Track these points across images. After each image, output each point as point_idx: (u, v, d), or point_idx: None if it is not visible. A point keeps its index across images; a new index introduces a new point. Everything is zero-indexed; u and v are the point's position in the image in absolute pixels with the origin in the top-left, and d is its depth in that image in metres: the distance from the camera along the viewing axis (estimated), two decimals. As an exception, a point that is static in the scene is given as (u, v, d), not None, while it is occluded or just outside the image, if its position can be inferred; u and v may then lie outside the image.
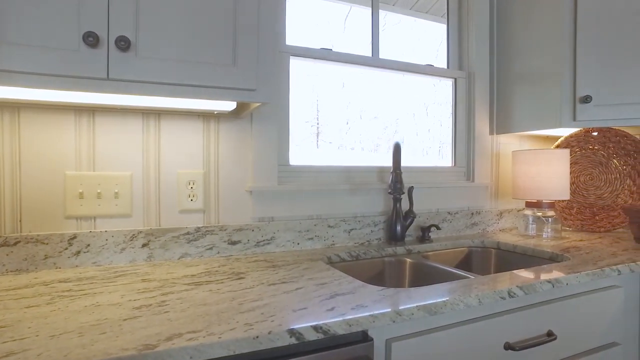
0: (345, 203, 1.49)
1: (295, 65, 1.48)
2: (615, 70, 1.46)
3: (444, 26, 1.86)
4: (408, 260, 1.39)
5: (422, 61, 1.75)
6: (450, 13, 1.84)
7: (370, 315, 0.77)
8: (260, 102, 1.03)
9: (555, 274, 1.07)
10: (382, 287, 0.94)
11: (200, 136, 1.28)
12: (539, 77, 1.61)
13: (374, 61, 1.61)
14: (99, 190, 1.15)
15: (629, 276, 1.25)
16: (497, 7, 1.82)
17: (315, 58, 1.50)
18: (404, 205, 1.59)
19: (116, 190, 1.17)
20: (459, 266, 1.57)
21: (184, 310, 0.78)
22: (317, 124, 1.70)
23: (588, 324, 1.13)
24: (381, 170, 1.60)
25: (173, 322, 0.73)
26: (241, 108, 1.24)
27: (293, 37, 1.49)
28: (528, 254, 1.45)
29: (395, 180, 1.27)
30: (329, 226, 1.45)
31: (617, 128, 1.76)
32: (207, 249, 1.27)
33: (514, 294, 0.96)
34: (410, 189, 1.53)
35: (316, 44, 1.52)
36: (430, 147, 1.90)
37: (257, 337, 0.68)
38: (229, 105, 1.14)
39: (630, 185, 1.75)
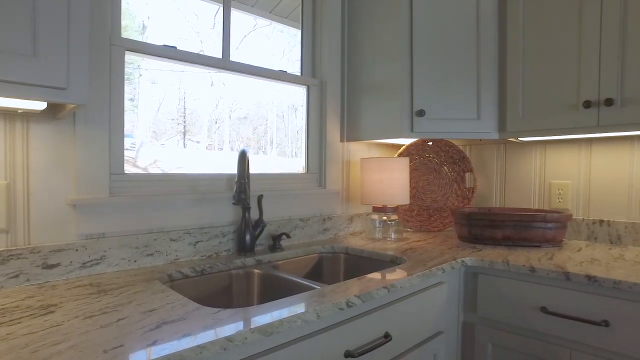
0: (190, 214, 1.38)
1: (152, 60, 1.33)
2: (443, 89, 1.64)
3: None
4: (257, 271, 1.35)
5: (284, 66, 1.73)
6: (304, 20, 1.86)
7: (197, 346, 0.70)
8: (71, 102, 0.87)
9: (391, 279, 1.13)
10: (218, 309, 0.87)
11: (1, 140, 1.04)
12: (383, 89, 1.72)
13: (224, 63, 1.53)
14: None
15: (450, 272, 1.40)
16: (347, 18, 1.90)
17: (156, 55, 1.36)
18: (254, 214, 1.55)
19: None
20: (310, 273, 1.58)
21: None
22: (184, 122, 1.57)
23: (419, 319, 1.22)
24: (231, 178, 1.53)
25: None
26: (56, 108, 1.04)
27: (160, 30, 1.34)
28: (373, 257, 1.53)
29: (240, 190, 1.21)
30: (172, 240, 1.33)
31: (446, 139, 1.99)
32: (12, 277, 1.04)
33: (352, 303, 0.98)
34: (260, 197, 1.49)
35: (184, 40, 1.39)
36: (299, 149, 1.89)
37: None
38: (38, 104, 0.95)
39: (456, 189, 1.99)
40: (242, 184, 1.22)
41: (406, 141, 1.93)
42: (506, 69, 1.64)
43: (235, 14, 1.62)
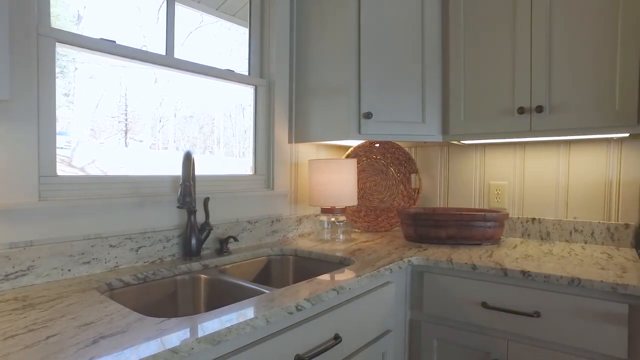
0: (132, 218, 1.30)
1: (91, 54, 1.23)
2: (390, 92, 1.68)
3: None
4: (203, 277, 1.30)
5: (232, 65, 1.68)
6: (252, 19, 1.83)
7: (139, 360, 0.66)
8: (-7, 98, 0.79)
9: (340, 281, 1.13)
10: (163, 319, 0.83)
11: None
12: (331, 91, 1.73)
13: (167, 60, 1.47)
14: None
15: (398, 272, 1.43)
16: (297, 18, 1.89)
17: (92, 49, 1.27)
18: (200, 217, 1.50)
19: None
20: (259, 277, 1.56)
21: None
22: (126, 120, 1.48)
23: (368, 319, 1.24)
24: (175, 180, 1.46)
25: None
26: (-25, 103, 0.95)
27: (98, 22, 1.25)
28: (322, 259, 1.53)
29: (185, 193, 1.16)
30: (111, 246, 1.25)
31: (393, 141, 2.03)
32: None
33: (302, 307, 0.97)
34: (206, 200, 1.45)
35: (126, 34, 1.31)
36: (246, 149, 1.84)
37: None
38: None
39: (402, 190, 2.05)
40: (187, 186, 1.17)
41: (354, 143, 1.95)
42: (449, 76, 1.70)
43: (181, 10, 1.56)
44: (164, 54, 1.48)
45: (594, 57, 1.41)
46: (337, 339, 1.09)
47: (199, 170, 1.58)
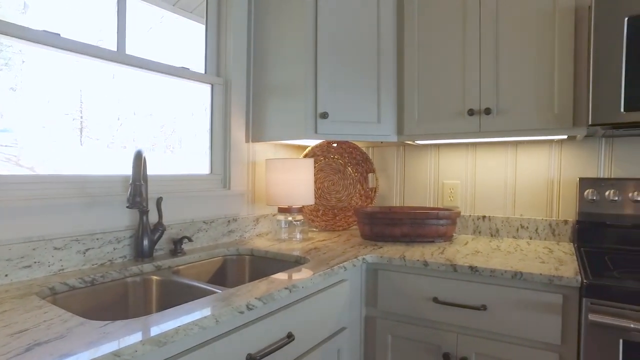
0: (79, 219, 1.26)
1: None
2: (346, 93, 1.70)
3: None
4: (155, 278, 1.28)
5: (191, 63, 1.65)
6: (208, 17, 1.80)
7: (77, 365, 0.64)
8: None
9: (294, 280, 1.14)
10: (107, 322, 0.80)
11: None
12: (288, 90, 1.73)
13: (119, 57, 1.42)
14: None
15: (352, 270, 1.46)
16: (254, 17, 1.88)
17: (34, 41, 1.21)
18: (154, 217, 1.46)
19: None
20: (214, 277, 1.54)
21: None
22: (81, 117, 1.41)
23: (322, 317, 1.25)
24: (127, 179, 1.42)
25: None
26: None
27: (49, 13, 1.18)
28: (278, 258, 1.53)
29: (135, 193, 1.13)
30: (56, 248, 1.20)
31: (350, 141, 2.06)
32: None
33: (253, 306, 0.97)
34: (159, 200, 1.42)
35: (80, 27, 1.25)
36: (199, 149, 1.81)
37: None
38: None
39: (360, 189, 2.08)
40: (137, 186, 1.14)
41: (311, 142, 1.97)
42: (404, 78, 1.75)
43: (139, 5, 1.51)
44: (116, 49, 1.43)
45: (536, 64, 1.49)
46: (290, 337, 1.10)
47: (158, 170, 1.54)
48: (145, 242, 1.36)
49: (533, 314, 1.23)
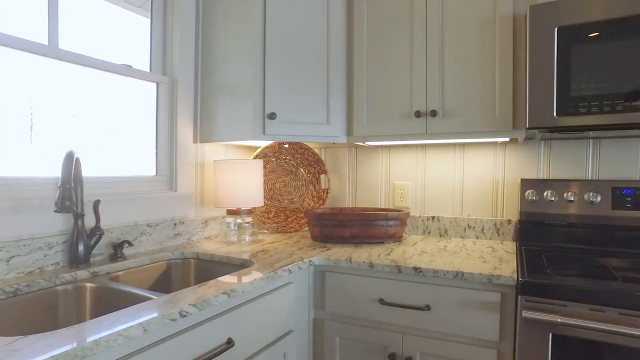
0: (3, 224, 1.18)
1: None
2: (295, 93, 1.68)
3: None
4: (90, 285, 1.21)
5: (138, 60, 1.58)
6: (154, 13, 1.74)
7: (-24, 385, 0.59)
8: None
9: (234, 284, 1.11)
10: (17, 338, 0.75)
11: None
12: (236, 90, 1.70)
13: (51, 51, 1.35)
14: None
15: (298, 272, 1.44)
16: (202, 15, 1.83)
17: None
18: (90, 221, 1.39)
19: None
20: (157, 283, 1.49)
21: None
22: (31, 114, 1.32)
23: (267, 321, 1.23)
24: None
25: None
26: None
27: None
28: (224, 262, 1.50)
29: (63, 197, 1.07)
30: (-24, 256, 1.12)
31: (300, 142, 2.05)
32: None
33: (187, 312, 0.93)
34: (96, 203, 1.35)
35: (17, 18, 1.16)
36: (149, 150, 1.74)
37: None
38: None
39: (312, 190, 2.07)
40: (66, 189, 1.08)
41: (261, 143, 1.94)
42: (353, 79, 1.75)
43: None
44: (47, 43, 1.35)
45: (478, 69, 1.53)
46: (229, 343, 1.07)
47: (98, 171, 1.47)
48: (81, 248, 1.29)
49: (474, 313, 1.26)
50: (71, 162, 1.12)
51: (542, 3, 1.35)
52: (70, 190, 1.09)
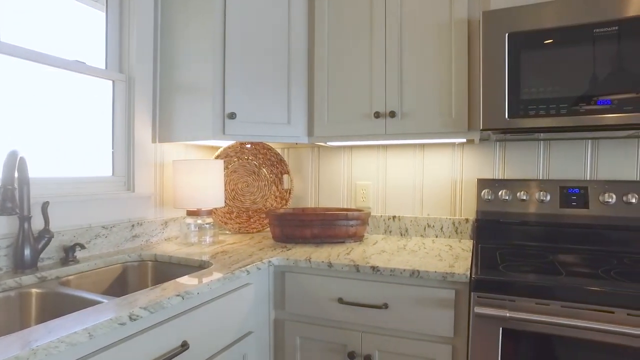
0: (-59, 228, 1.11)
1: None
2: (255, 93, 1.67)
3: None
4: (36, 291, 1.16)
5: (96, 56, 1.52)
6: (109, 8, 1.69)
7: None
8: None
9: (189, 286, 1.10)
10: (-49, 346, 0.71)
11: None
12: (196, 90, 1.67)
13: (-5, 45, 1.28)
14: None
15: (257, 273, 1.44)
16: (161, 12, 1.79)
17: None
18: (39, 223, 1.34)
19: None
20: (112, 286, 1.44)
21: None
22: None
23: (225, 323, 1.22)
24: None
25: None
26: None
27: None
28: (182, 263, 1.47)
29: (4, 199, 1.01)
30: None
31: (263, 142, 2.04)
32: None
33: (137, 316, 0.91)
34: (45, 205, 1.30)
35: None
36: (105, 150, 1.68)
37: None
38: None
39: (275, 191, 2.07)
40: (7, 190, 1.03)
41: (222, 143, 1.92)
42: (314, 79, 1.76)
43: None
44: (-9, 38, 1.29)
45: (436, 72, 1.57)
46: (184, 346, 1.05)
47: (51, 172, 1.41)
48: (27, 252, 1.24)
49: (430, 310, 1.29)
50: (14, 162, 1.07)
51: (495, 9, 1.39)
52: (12, 192, 1.04)
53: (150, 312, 0.94)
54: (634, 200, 1.54)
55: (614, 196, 1.57)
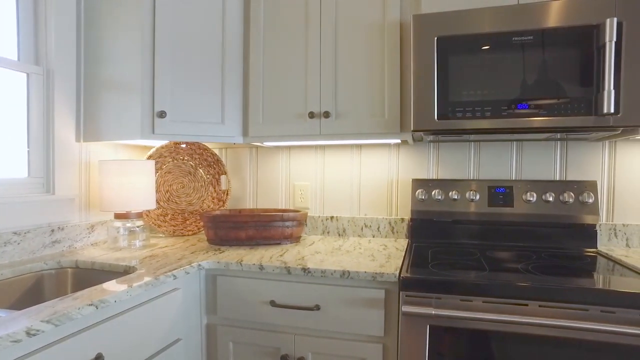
0: None
1: None
2: (187, 91, 1.61)
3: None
4: None
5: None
6: (26, -4, 1.56)
7: None
8: None
9: (105, 293, 1.03)
10: None
11: None
12: (124, 87, 1.59)
13: None
14: None
15: (185, 277, 1.38)
16: (84, 1, 1.68)
17: None
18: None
19: None
20: (23, 298, 1.33)
21: None
22: None
23: (150, 330, 1.16)
24: None
25: None
26: None
27: None
28: (106, 269, 1.39)
29: None
30: None
31: (197, 142, 1.98)
32: None
33: (38, 331, 0.84)
34: (-58, 210, 1.18)
35: None
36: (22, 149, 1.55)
37: None
38: None
39: (212, 192, 2.01)
40: None
41: (154, 143, 1.84)
42: (249, 78, 1.72)
43: None
44: None
45: (369, 73, 1.59)
46: (99, 358, 0.99)
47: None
48: None
49: (361, 310, 1.30)
50: None
51: (424, 13, 1.42)
52: None
53: (55, 325, 0.88)
54: (551, 199, 1.64)
55: (535, 195, 1.66)
